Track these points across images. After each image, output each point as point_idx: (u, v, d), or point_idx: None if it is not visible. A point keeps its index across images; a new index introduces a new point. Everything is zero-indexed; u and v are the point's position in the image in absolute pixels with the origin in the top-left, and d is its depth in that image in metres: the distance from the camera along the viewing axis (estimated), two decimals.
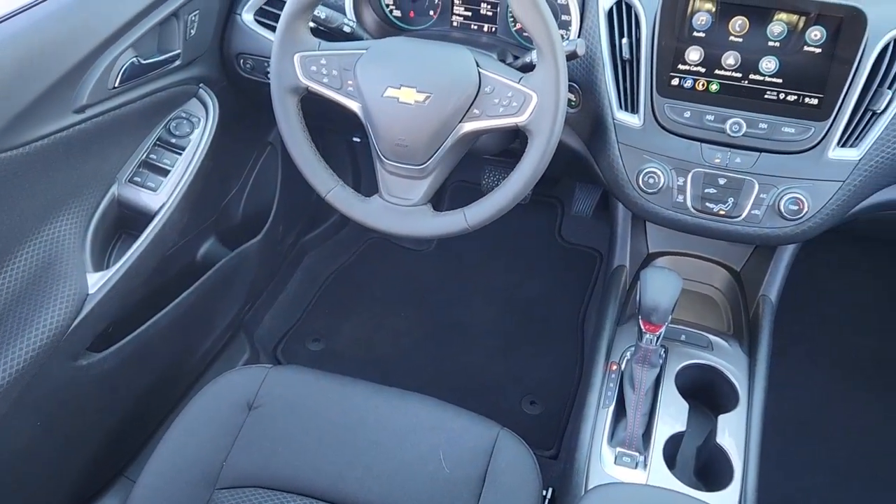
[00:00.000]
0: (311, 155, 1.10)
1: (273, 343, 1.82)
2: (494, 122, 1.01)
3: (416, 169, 1.05)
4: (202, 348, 1.59)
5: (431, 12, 1.31)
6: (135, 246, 1.18)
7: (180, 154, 1.26)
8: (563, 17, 1.20)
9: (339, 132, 1.82)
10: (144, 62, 1.15)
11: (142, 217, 1.22)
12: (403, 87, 1.02)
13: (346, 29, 1.20)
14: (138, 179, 1.23)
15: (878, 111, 1.05)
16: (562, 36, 1.15)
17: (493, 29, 1.29)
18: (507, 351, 1.83)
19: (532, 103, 0.98)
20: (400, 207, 1.07)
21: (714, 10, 1.06)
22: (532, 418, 1.66)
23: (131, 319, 1.28)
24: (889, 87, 1.04)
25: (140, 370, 1.34)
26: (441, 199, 2.14)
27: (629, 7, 1.13)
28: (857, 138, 1.06)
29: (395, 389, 1.11)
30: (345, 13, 1.25)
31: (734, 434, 1.12)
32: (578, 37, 1.16)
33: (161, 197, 1.23)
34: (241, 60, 1.37)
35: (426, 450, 1.03)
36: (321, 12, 1.16)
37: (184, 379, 1.56)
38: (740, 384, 1.17)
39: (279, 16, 1.05)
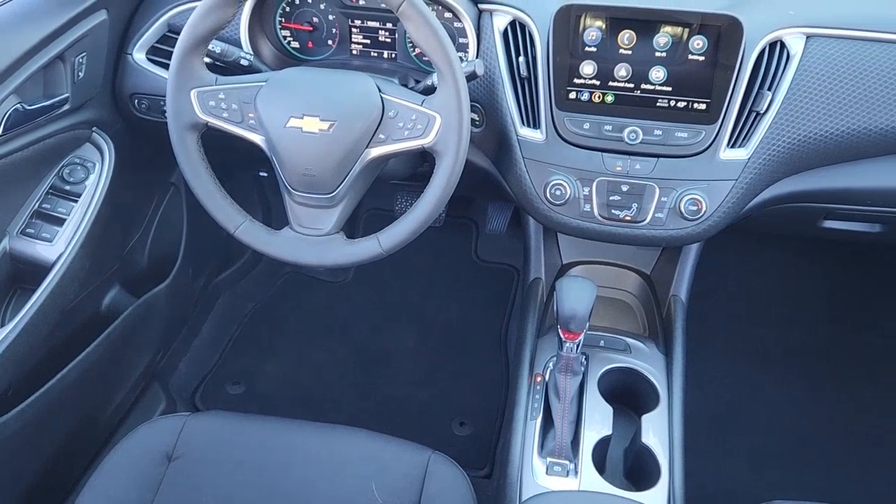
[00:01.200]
0: (215, 192, 1.08)
1: (190, 390, 1.76)
2: (401, 146, 1.02)
3: (325, 198, 1.04)
4: (114, 403, 1.52)
5: (330, 42, 1.31)
6: (31, 301, 1.12)
7: (76, 201, 1.21)
8: (461, 40, 1.22)
9: (244, 167, 1.78)
10: (30, 108, 1.10)
11: (38, 270, 1.15)
12: (306, 117, 1.01)
13: (244, 62, 1.18)
14: (31, 231, 1.17)
15: (761, 112, 1.11)
16: (460, 58, 1.18)
17: (394, 55, 1.30)
18: (433, 375, 1.82)
19: (436, 124, 0.99)
20: (312, 238, 1.06)
21: (603, 25, 1.10)
22: (463, 439, 1.66)
23: (33, 379, 1.20)
24: (769, 89, 1.11)
25: (47, 432, 1.26)
26: (355, 228, 2.13)
27: (523, 26, 1.17)
28: (744, 138, 1.12)
29: (321, 424, 1.09)
30: (241, 47, 1.24)
31: (658, 432, 1.14)
32: (476, 57, 1.18)
33: (58, 248, 1.17)
34: (136, 101, 1.32)
35: (358, 482, 1.01)
36: (216, 47, 1.14)
37: (96, 437, 1.48)
38: (659, 383, 1.21)
39: (172, 53, 1.03)
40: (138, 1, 1.31)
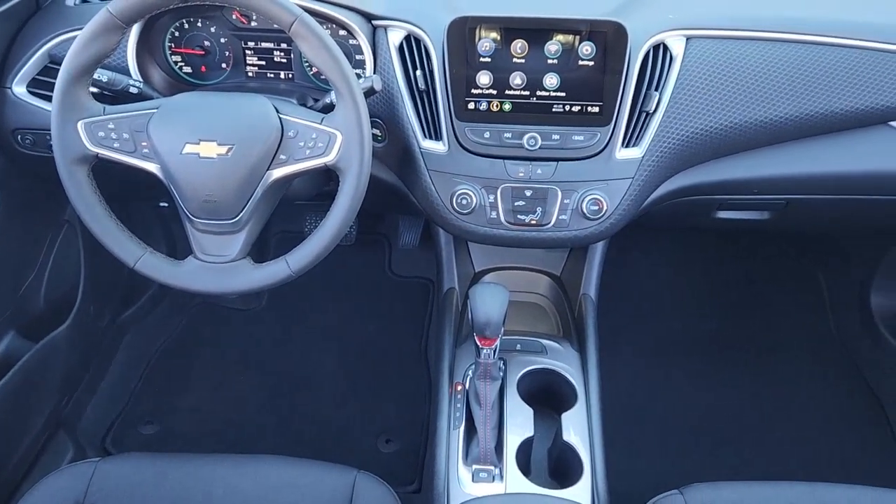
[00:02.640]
0: (111, 225, 1.03)
1: (100, 435, 1.67)
2: (303, 165, 1.01)
3: (228, 223, 1.02)
4: (16, 456, 1.42)
5: (224, 65, 1.28)
6: None
7: None
8: (358, 57, 1.22)
9: (144, 199, 1.72)
10: None
11: None
12: (203, 142, 0.99)
13: (133, 90, 1.14)
14: None
15: (651, 111, 1.16)
16: (358, 74, 1.18)
17: (291, 75, 1.29)
18: (356, 394, 1.80)
19: (338, 142, 0.99)
20: (217, 265, 1.03)
21: (495, 35, 1.13)
22: (390, 456, 1.65)
23: None
24: (656, 89, 1.16)
25: None
26: (265, 252, 2.09)
27: (418, 41, 1.18)
28: (637, 138, 1.16)
29: (240, 456, 1.06)
30: (129, 74, 1.20)
31: (578, 429, 1.17)
32: (374, 73, 1.19)
33: None
34: (19, 136, 1.26)
35: None
36: (102, 76, 1.10)
37: None
38: (576, 381, 1.24)
39: (55, 85, 0.99)
40: (15, 31, 1.25)
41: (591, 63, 1.13)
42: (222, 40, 1.26)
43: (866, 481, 1.04)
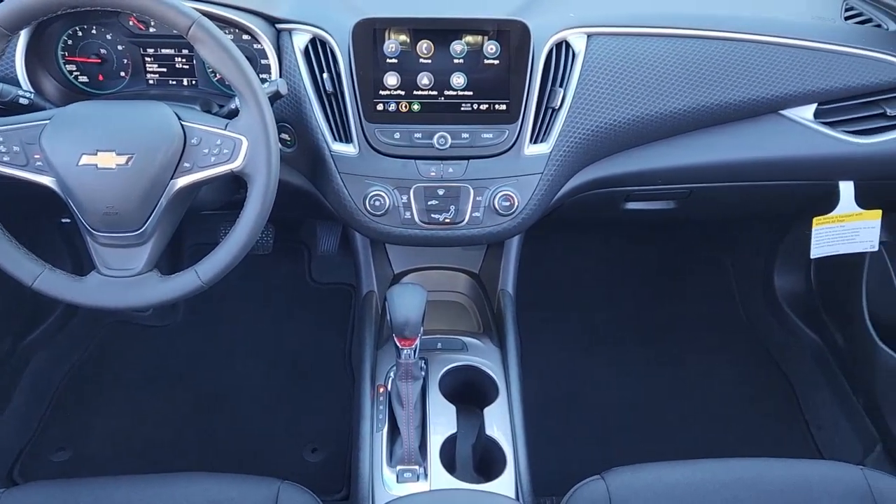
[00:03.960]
0: (5, 244, 0.99)
1: (7, 466, 1.58)
2: (208, 173, 0.99)
3: (132, 236, 0.99)
4: None
5: (123, 73, 1.24)
6: None
7: None
8: (263, 61, 1.20)
9: (41, 215, 1.64)
10: None
11: None
12: (100, 152, 0.96)
13: (24, 101, 1.09)
14: None
15: (556, 108, 1.18)
16: (263, 79, 1.16)
17: (194, 82, 1.25)
18: (280, 405, 1.77)
19: (243, 148, 0.97)
20: (122, 280, 1.00)
21: (401, 37, 1.13)
22: (317, 465, 1.62)
23: None
24: (560, 86, 1.18)
25: None
26: (180, 266, 2.02)
27: (324, 43, 1.17)
28: (545, 134, 1.19)
29: (158, 476, 1.02)
30: (19, 85, 1.14)
31: (500, 423, 1.18)
32: (280, 77, 1.17)
33: None
34: None
35: None
36: None
37: None
38: (497, 376, 1.25)
39: None
40: None
41: (497, 62, 1.15)
42: (119, 47, 1.22)
43: (776, 454, 1.09)
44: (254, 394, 1.80)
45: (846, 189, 1.33)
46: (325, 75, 1.16)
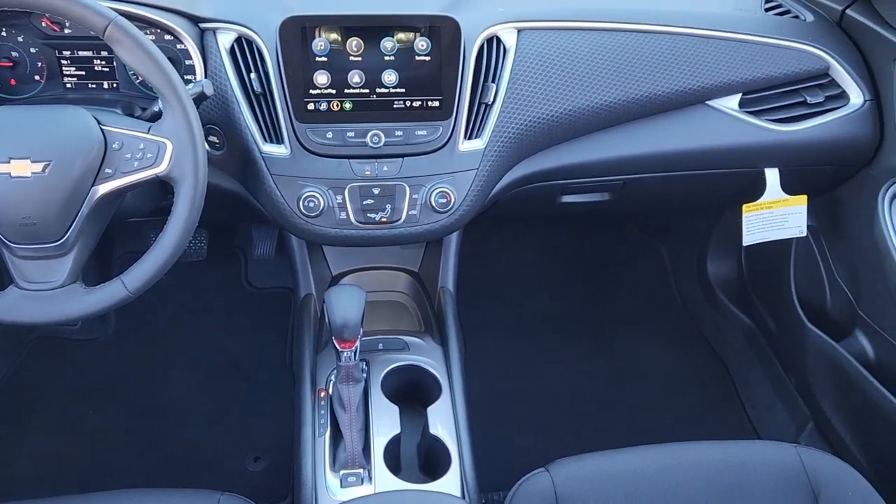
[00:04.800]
0: None
1: None
2: (132, 178, 0.95)
3: (52, 247, 0.94)
4: None
5: (37, 77, 1.18)
6: None
7: None
8: (187, 62, 1.17)
9: None
10: None
11: None
12: (14, 160, 0.91)
13: None
14: None
15: (489, 103, 1.18)
16: (189, 80, 1.13)
17: (115, 84, 1.21)
18: (222, 415, 1.73)
19: (168, 151, 0.94)
20: (43, 293, 0.95)
21: (329, 34, 1.11)
22: (260, 474, 1.59)
23: None
24: (493, 81, 1.18)
25: None
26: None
27: (250, 42, 1.14)
28: (479, 129, 1.19)
29: (89, 495, 0.98)
30: None
31: (444, 421, 1.18)
32: (205, 78, 1.13)
33: None
34: None
35: None
36: None
37: None
38: (440, 374, 1.25)
39: None
40: None
41: (428, 58, 1.14)
42: (32, 50, 1.16)
43: (715, 435, 1.12)
44: (193, 404, 1.75)
45: (772, 176, 1.37)
46: (253, 75, 1.13)
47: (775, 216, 1.42)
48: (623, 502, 0.99)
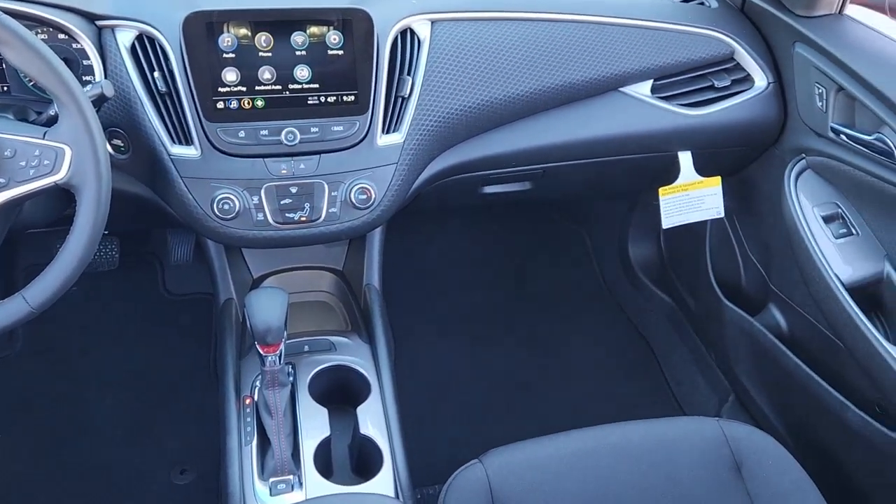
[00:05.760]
0: None
1: None
2: (29, 188, 0.89)
3: None
4: None
5: None
6: None
7: None
8: (85, 62, 1.10)
9: None
10: None
11: None
12: None
13: None
14: None
15: (406, 96, 1.17)
16: (88, 81, 1.07)
17: (6, 87, 1.13)
18: (144, 429, 1.66)
19: (66, 157, 0.89)
20: None
21: (236, 30, 1.07)
22: (186, 488, 1.54)
23: None
24: (408, 74, 1.17)
25: None
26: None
27: (152, 40, 1.09)
28: (396, 123, 1.17)
29: None
30: None
31: (374, 420, 1.16)
32: (105, 78, 1.08)
33: None
34: None
35: None
36: None
37: None
38: (368, 372, 1.23)
39: None
40: None
41: (341, 52, 1.12)
42: None
43: (643, 413, 1.14)
44: (111, 420, 1.67)
45: (685, 159, 1.41)
46: (157, 74, 1.08)
47: (692, 198, 1.46)
48: (554, 487, 1.01)
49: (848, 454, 1.30)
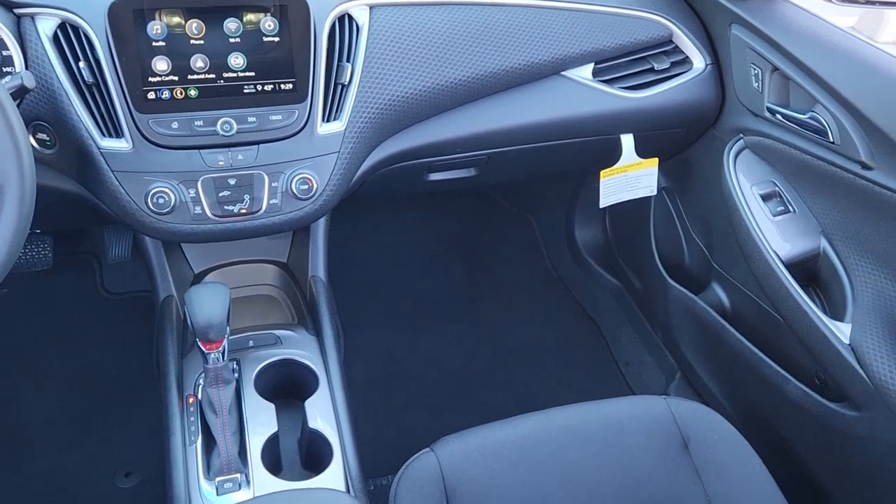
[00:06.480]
0: None
1: None
2: None
3: None
4: None
5: None
6: None
7: None
8: (4, 53, 1.05)
9: None
10: None
11: None
12: None
13: None
14: None
15: (346, 83, 1.14)
16: (6, 72, 1.02)
17: None
18: (87, 433, 1.61)
19: None
20: None
21: (166, 17, 1.04)
22: (132, 490, 1.50)
23: None
24: (347, 61, 1.15)
25: None
26: None
27: (76, 28, 1.05)
28: (337, 111, 1.15)
29: None
30: None
31: (323, 413, 1.15)
32: (25, 69, 1.03)
33: None
34: None
35: None
36: None
37: None
38: (316, 365, 1.21)
39: None
40: None
41: (277, 39, 1.09)
42: None
43: (594, 395, 1.15)
44: (53, 426, 1.62)
45: (627, 141, 1.42)
46: (82, 64, 1.04)
47: (629, 179, 1.48)
48: (507, 472, 1.01)
49: (789, 425, 1.33)
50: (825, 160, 1.16)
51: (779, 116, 1.25)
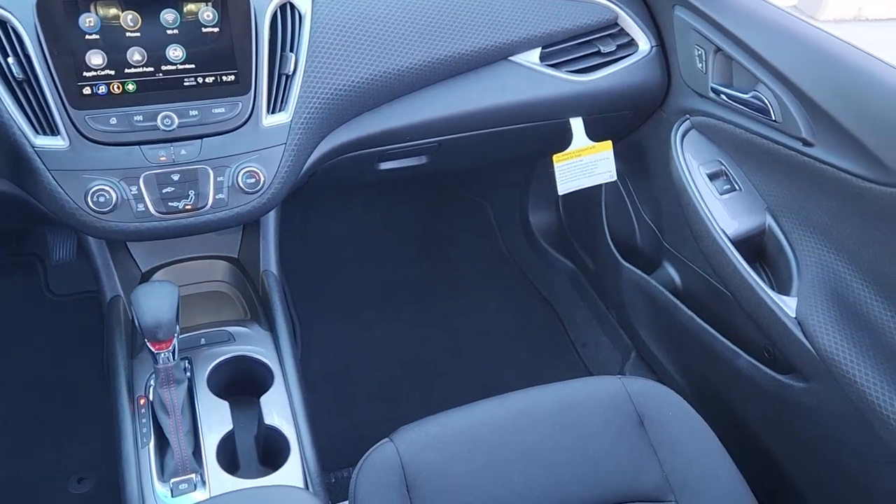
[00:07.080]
0: None
1: None
2: None
3: None
4: None
5: None
6: None
7: None
8: None
9: None
10: None
11: None
12: None
13: None
14: None
15: (290, 74, 1.12)
16: None
17: None
18: (35, 439, 1.57)
19: None
20: None
21: (99, 9, 1.00)
22: (85, 496, 1.46)
23: None
24: (291, 51, 1.12)
25: None
26: None
27: (3, 23, 1.00)
28: (282, 102, 1.12)
29: None
30: None
31: (279, 409, 1.13)
32: None
33: None
34: None
35: None
36: None
37: None
38: (271, 360, 1.19)
39: None
40: None
41: (217, 30, 1.06)
42: None
43: (552, 377, 1.16)
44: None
45: (577, 125, 1.43)
46: (11, 59, 0.99)
47: (585, 164, 1.48)
48: (466, 458, 1.01)
49: (741, 399, 1.36)
50: (768, 138, 1.19)
51: (723, 96, 1.26)
